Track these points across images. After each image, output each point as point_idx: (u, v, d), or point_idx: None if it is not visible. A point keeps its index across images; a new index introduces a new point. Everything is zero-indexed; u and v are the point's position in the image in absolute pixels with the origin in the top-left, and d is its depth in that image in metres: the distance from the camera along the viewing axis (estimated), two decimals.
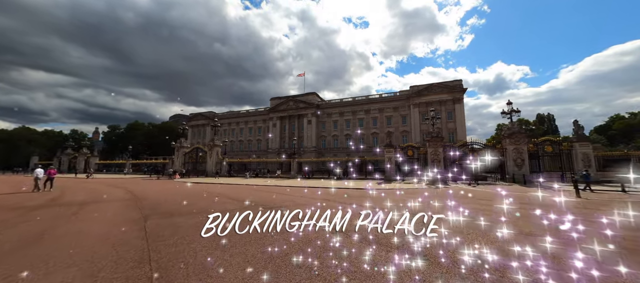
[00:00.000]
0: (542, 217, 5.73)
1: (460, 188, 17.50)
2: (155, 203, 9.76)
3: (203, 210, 7.88)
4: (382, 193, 12.77)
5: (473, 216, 6.80)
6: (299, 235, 4.53)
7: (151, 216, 7.27)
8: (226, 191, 14.54)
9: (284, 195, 12.38)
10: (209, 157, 37.50)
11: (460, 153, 24.73)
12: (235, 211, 3.98)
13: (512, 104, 23.45)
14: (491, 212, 7.98)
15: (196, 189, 16.28)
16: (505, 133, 22.97)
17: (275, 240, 4.50)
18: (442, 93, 56.92)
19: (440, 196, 12.08)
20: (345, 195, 12.75)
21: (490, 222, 6.04)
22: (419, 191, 15.04)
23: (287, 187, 18.79)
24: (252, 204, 9.16)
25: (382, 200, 10.33)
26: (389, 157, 27.12)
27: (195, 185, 19.76)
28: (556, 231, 5.10)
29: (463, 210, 7.24)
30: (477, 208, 8.60)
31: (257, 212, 3.96)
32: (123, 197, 11.73)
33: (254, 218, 3.82)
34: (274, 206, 8.59)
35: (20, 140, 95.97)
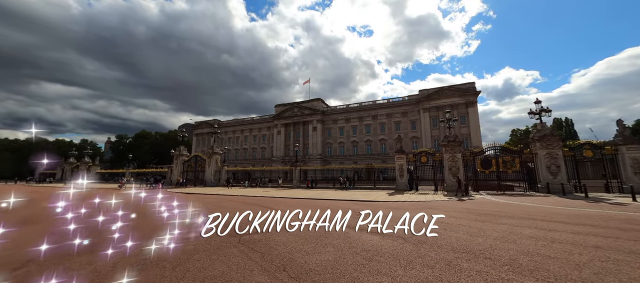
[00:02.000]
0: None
1: (488, 201, 14.70)
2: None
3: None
4: (399, 212, 10.21)
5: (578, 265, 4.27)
6: None
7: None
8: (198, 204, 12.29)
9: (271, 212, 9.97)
10: (207, 165, 35.62)
11: (481, 160, 21.86)
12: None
13: (541, 103, 20.61)
14: (585, 246, 5.36)
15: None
16: (535, 136, 20.05)
17: None
18: (454, 96, 53.96)
19: (477, 214, 9.44)
20: (350, 212, 10.20)
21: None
22: (443, 206, 12.37)
23: (289, 198, 16.43)
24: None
25: (400, 221, 7.82)
26: (400, 165, 24.44)
27: (169, 195, 17.61)
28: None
29: (539, 245, 4.69)
30: (559, 241, 5.98)
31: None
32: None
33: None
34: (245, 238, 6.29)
35: (30, 149, 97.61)
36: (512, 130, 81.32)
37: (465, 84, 54.87)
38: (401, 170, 24.21)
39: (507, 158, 21.02)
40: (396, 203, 13.45)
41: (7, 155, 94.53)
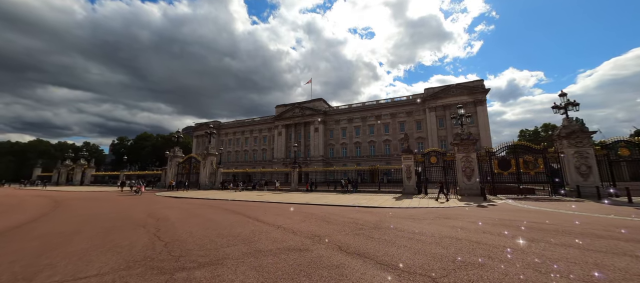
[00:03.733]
0: None
1: (514, 207, 12.51)
2: None
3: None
4: (413, 224, 8.14)
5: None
6: None
7: None
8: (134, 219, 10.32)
9: (243, 225, 8.03)
10: (202, 167, 33.82)
11: (499, 160, 19.62)
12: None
13: (567, 95, 18.36)
14: None
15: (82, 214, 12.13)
16: (561, 133, 17.78)
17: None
18: (461, 95, 51.63)
19: (515, 228, 7.33)
20: (351, 224, 8.21)
21: None
22: (463, 214, 10.23)
23: (283, 203, 14.42)
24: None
25: (422, 245, 5.77)
26: (407, 166, 22.29)
27: (130, 200, 15.70)
28: None
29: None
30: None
31: None
32: None
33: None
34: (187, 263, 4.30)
35: (32, 152, 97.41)
36: (521, 130, 78.51)
37: (473, 81, 52.51)
38: (408, 172, 22.06)
39: (528, 158, 18.76)
40: (406, 211, 11.35)
41: (9, 158, 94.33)
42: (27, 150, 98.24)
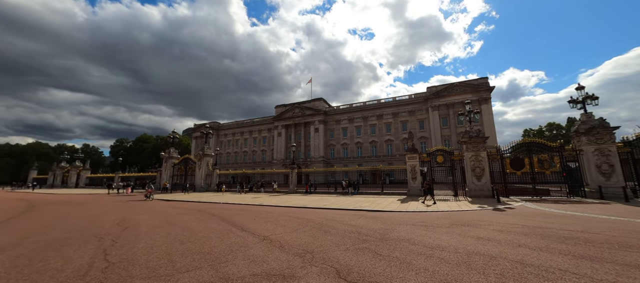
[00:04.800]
0: None
1: (536, 211, 11.17)
2: None
3: None
4: (427, 235, 6.84)
5: None
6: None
7: None
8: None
9: (222, 236, 6.75)
10: (198, 168, 32.59)
11: (511, 159, 18.25)
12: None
13: (585, 89, 17.01)
14: None
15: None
16: (580, 129, 16.41)
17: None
18: (465, 93, 50.28)
19: (556, 238, 6.01)
20: (353, 234, 6.93)
21: None
22: (480, 220, 8.90)
23: (279, 206, 13.13)
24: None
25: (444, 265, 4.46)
26: (412, 166, 20.96)
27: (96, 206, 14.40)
28: None
29: None
30: None
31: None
32: None
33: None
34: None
35: (30, 154, 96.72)
36: (524, 130, 76.94)
37: (477, 79, 51.17)
38: (413, 172, 20.73)
39: (543, 156, 17.39)
40: (415, 216, 10.03)
41: (7, 161, 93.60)
42: (25, 152, 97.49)
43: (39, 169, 64.12)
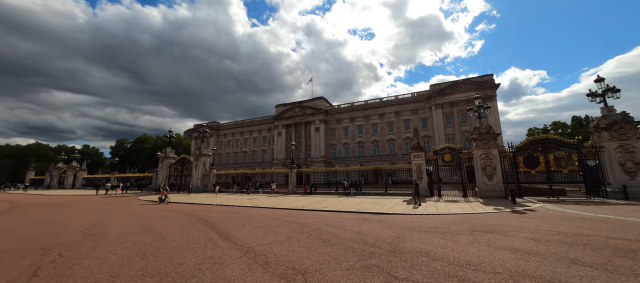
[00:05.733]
0: None
1: (561, 214, 10.01)
2: None
3: None
4: (443, 245, 5.70)
5: None
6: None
7: None
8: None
9: (196, 248, 5.63)
10: (194, 168, 31.57)
11: (525, 157, 17.04)
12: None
13: (604, 80, 15.80)
14: None
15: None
16: (600, 124, 15.20)
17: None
18: (469, 90, 48.99)
19: (608, 254, 4.85)
20: (357, 245, 5.80)
21: None
22: (502, 224, 7.75)
23: (274, 208, 12.03)
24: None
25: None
26: (417, 165, 19.80)
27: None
28: None
29: None
30: None
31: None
32: None
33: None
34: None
35: (30, 155, 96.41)
36: (529, 129, 75.47)
37: (482, 76, 49.90)
38: (419, 171, 19.56)
39: (560, 154, 16.19)
40: (427, 220, 8.89)
41: (7, 162, 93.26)
42: (25, 153, 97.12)
43: (38, 170, 63.50)
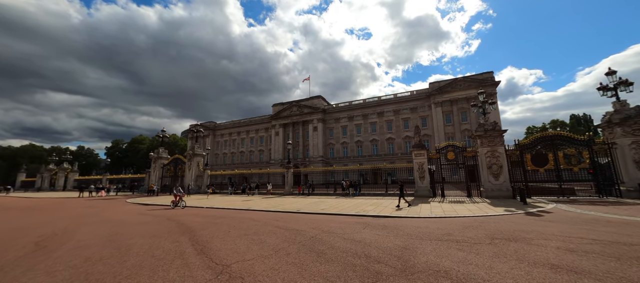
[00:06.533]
0: None
1: (582, 216, 9.14)
2: None
3: None
4: (472, 260, 4.70)
5: None
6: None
7: None
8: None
9: (156, 268, 4.62)
10: (187, 169, 30.49)
11: (533, 154, 16.19)
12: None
13: (617, 73, 14.99)
14: None
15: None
16: (613, 119, 14.39)
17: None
18: (469, 88, 48.29)
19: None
20: (359, 260, 4.77)
21: None
22: (520, 228, 6.83)
23: (267, 211, 11.05)
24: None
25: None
26: (419, 163, 18.90)
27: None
28: None
29: None
30: None
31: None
32: None
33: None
34: None
35: (23, 157, 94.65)
36: (528, 127, 75.00)
37: (482, 74, 49.19)
38: (421, 171, 18.66)
39: (570, 151, 15.35)
40: (435, 224, 7.95)
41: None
42: (18, 155, 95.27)
43: (30, 172, 61.98)
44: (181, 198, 14.55)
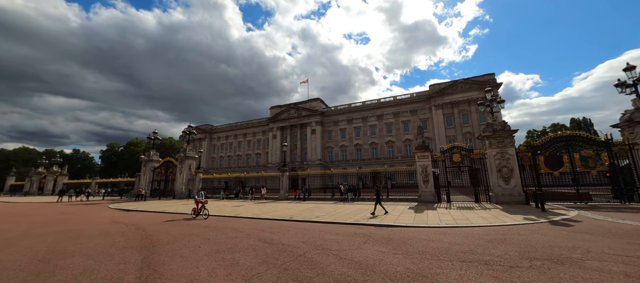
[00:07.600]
0: None
1: (619, 227, 7.90)
2: None
3: None
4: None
5: None
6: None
7: None
8: None
9: None
10: (178, 172, 29.12)
11: (546, 156, 14.98)
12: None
13: (635, 68, 13.90)
14: None
15: None
16: (634, 117, 13.25)
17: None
18: (470, 90, 47.34)
19: None
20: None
21: None
22: (568, 249, 5.57)
23: (256, 219, 9.76)
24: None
25: None
26: (423, 166, 17.67)
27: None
28: None
29: None
30: None
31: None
32: None
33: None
34: None
35: (16, 160, 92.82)
36: (528, 131, 74.12)
37: (483, 76, 48.27)
38: (425, 174, 17.42)
39: (587, 153, 14.17)
40: (449, 237, 6.69)
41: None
42: (10, 158, 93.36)
43: (21, 176, 60.31)
44: (204, 206, 11.68)
